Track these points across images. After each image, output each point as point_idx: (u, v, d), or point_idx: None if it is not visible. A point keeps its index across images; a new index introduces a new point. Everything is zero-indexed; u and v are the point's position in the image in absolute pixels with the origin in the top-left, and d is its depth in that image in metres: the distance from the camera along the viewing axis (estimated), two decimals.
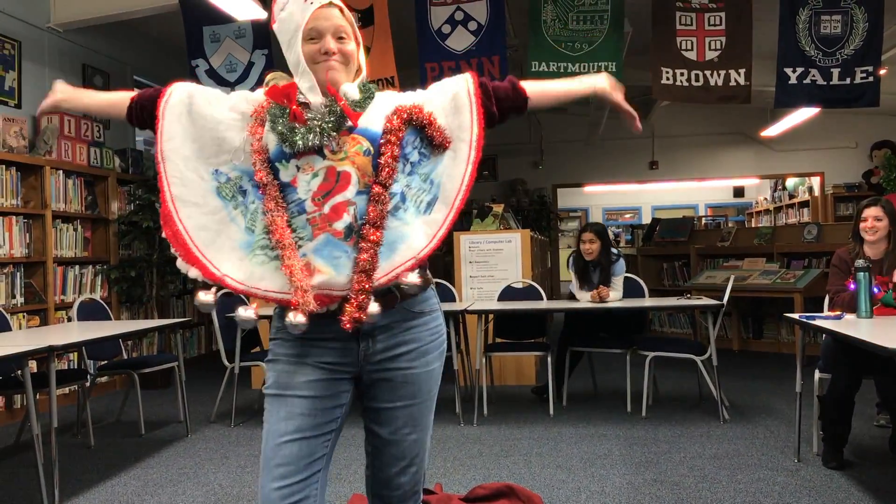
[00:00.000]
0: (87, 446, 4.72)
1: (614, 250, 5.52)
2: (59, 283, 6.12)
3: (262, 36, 6.48)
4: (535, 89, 1.96)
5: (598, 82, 2.03)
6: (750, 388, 5.96)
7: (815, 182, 12.17)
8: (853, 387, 3.72)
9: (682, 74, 6.03)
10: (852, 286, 3.94)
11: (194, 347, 7.99)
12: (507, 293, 5.84)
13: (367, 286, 1.70)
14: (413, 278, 1.74)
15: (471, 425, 4.95)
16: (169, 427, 5.21)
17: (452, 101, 1.86)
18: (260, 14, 5.75)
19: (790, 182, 13.17)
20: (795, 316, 3.96)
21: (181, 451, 4.57)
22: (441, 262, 11.25)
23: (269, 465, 1.74)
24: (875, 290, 3.86)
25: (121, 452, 4.57)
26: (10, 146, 5.78)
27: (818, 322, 3.63)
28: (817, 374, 4.01)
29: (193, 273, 1.78)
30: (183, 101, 1.86)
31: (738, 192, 16.52)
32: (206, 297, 1.79)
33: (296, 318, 1.68)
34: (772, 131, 11.10)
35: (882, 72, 6.04)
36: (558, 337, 5.66)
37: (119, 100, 2.00)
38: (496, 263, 6.36)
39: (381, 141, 1.76)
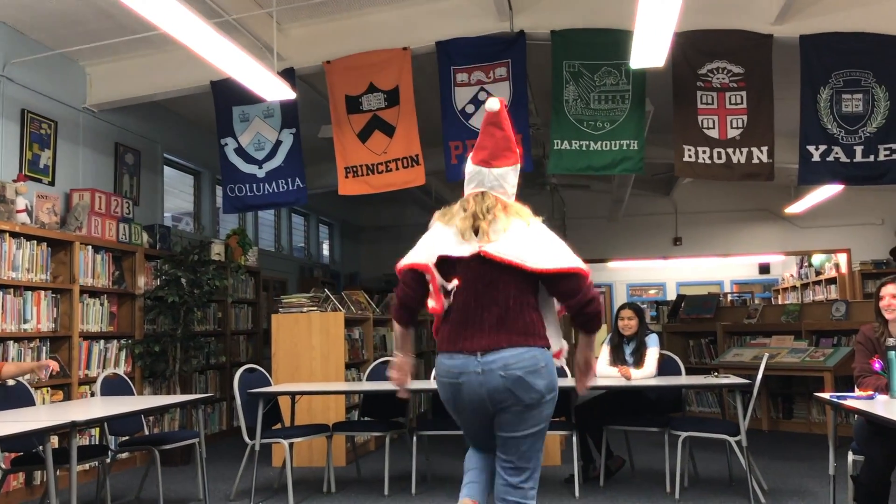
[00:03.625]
0: None
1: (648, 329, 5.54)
2: (84, 357, 6.15)
3: (291, 115, 6.62)
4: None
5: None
6: (782, 469, 5.79)
7: (842, 259, 12.06)
8: (889, 468, 3.62)
9: (704, 152, 6.06)
10: (876, 365, 3.89)
11: (216, 423, 7.94)
12: None
13: None
14: None
15: None
16: None
17: None
18: (289, 95, 5.89)
19: (816, 259, 13.06)
20: (826, 395, 3.87)
21: None
22: None
23: None
24: None
25: None
26: (42, 222, 5.89)
27: (850, 402, 3.55)
28: (851, 456, 3.90)
29: None
30: None
31: (764, 268, 16.39)
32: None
33: None
34: (796, 208, 11.07)
35: None
36: (575, 410, 5.53)
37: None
38: None
39: None
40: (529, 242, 2.76)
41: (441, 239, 2.84)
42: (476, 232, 2.77)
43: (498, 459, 2.84)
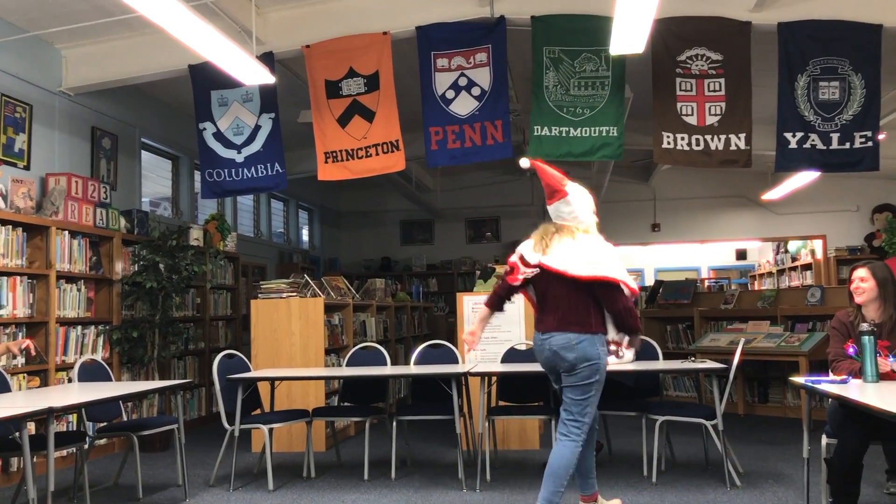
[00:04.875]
0: None
1: None
2: (61, 343, 6.10)
3: (270, 100, 6.58)
4: None
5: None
6: (757, 452, 5.87)
7: (818, 245, 12.19)
8: (861, 451, 3.67)
9: (682, 139, 6.10)
10: (850, 350, 3.94)
11: (195, 409, 7.92)
12: (511, 355, 5.81)
13: None
14: None
15: (473, 491, 4.87)
16: (167, 491, 5.13)
17: None
18: (268, 79, 5.85)
19: (792, 245, 13.20)
20: (801, 380, 3.92)
21: None
22: (444, 323, 11.22)
23: None
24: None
25: None
26: (18, 207, 5.83)
27: (824, 387, 3.60)
28: (824, 440, 3.96)
29: None
30: None
31: (741, 254, 16.55)
32: None
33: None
34: (773, 194, 11.17)
35: (881, 136, 6.11)
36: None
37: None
38: (499, 325, 6.33)
39: None
40: (574, 255, 3.81)
41: (525, 251, 4.04)
42: (539, 248, 3.93)
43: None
